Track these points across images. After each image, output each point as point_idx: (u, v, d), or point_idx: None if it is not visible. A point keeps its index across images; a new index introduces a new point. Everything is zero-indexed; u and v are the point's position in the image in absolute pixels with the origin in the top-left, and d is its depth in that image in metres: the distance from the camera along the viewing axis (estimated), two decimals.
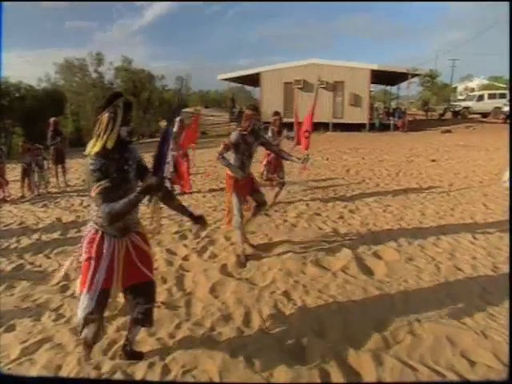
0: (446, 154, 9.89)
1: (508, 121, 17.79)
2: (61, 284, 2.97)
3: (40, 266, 3.37)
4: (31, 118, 17.49)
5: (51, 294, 2.80)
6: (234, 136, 3.19)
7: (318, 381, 1.81)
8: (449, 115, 23.45)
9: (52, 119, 7.14)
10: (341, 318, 2.36)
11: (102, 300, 1.75)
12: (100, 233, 1.77)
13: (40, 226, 4.65)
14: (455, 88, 37.69)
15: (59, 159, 7.12)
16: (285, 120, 5.77)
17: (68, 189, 7.04)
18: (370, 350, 2.03)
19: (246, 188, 3.35)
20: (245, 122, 3.19)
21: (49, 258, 3.55)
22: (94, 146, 1.65)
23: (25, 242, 4.05)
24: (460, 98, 30.25)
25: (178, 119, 6.04)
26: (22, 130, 17.89)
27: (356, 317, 2.37)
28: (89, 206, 5.56)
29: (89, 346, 1.87)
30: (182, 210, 2.03)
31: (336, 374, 1.86)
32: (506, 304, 2.52)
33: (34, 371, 1.94)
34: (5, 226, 4.75)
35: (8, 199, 6.40)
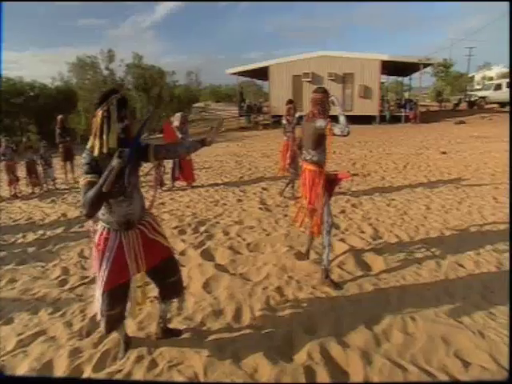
0: (458, 145, 9.55)
1: None
2: (60, 278, 3.04)
3: (42, 260, 3.45)
4: (45, 116, 17.94)
5: (50, 288, 2.86)
6: (324, 123, 2.57)
7: (303, 379, 1.79)
8: (464, 106, 22.63)
9: (59, 117, 7.28)
10: (332, 314, 2.32)
11: (118, 295, 1.80)
12: (106, 231, 1.79)
13: (46, 221, 4.77)
14: (472, 77, 36.21)
15: (68, 156, 7.27)
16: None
17: (76, 185, 7.18)
18: (359, 349, 1.98)
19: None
20: (317, 108, 2.66)
21: (51, 252, 3.64)
22: (93, 146, 1.66)
23: (30, 237, 4.17)
24: (477, 87, 29.10)
25: (179, 114, 6.09)
26: (36, 128, 18.36)
27: (348, 314, 2.32)
28: None
29: (107, 332, 1.89)
30: (194, 145, 1.85)
31: (322, 373, 1.82)
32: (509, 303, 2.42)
33: (26, 364, 1.99)
34: (13, 221, 4.90)
35: (19, 195, 6.60)
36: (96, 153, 1.64)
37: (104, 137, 1.64)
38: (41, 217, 5.01)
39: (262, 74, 19.89)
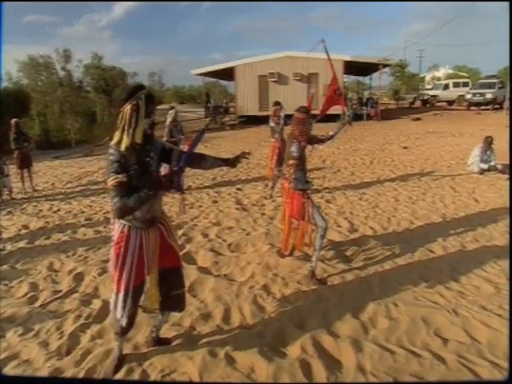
0: (417, 140, 10.23)
1: (474, 108, 18.67)
2: (28, 295, 2.80)
3: (4, 278, 3.16)
4: None
5: (17, 307, 2.62)
6: (296, 150, 2.69)
7: (300, 372, 1.81)
8: (418, 104, 24.28)
9: (13, 120, 6.70)
10: (320, 307, 2.38)
11: (137, 295, 1.81)
12: (126, 229, 1.75)
13: (4, 235, 4.36)
14: (423, 77, 39.07)
15: (25, 163, 6.71)
16: (259, 113, 5.64)
17: (36, 194, 6.66)
18: (348, 337, 2.05)
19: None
20: (298, 128, 2.73)
21: (14, 268, 3.34)
22: (120, 141, 1.63)
23: None
24: (428, 86, 31.40)
25: (172, 111, 5.91)
26: None
27: (334, 305, 2.39)
28: (64, 207, 5.29)
29: (123, 334, 1.89)
30: (218, 164, 2.01)
31: (317, 364, 1.86)
32: (474, 281, 2.65)
33: None
34: None
35: None
36: (123, 148, 1.61)
37: (131, 131, 1.62)
38: None
39: (227, 74, 19.81)
